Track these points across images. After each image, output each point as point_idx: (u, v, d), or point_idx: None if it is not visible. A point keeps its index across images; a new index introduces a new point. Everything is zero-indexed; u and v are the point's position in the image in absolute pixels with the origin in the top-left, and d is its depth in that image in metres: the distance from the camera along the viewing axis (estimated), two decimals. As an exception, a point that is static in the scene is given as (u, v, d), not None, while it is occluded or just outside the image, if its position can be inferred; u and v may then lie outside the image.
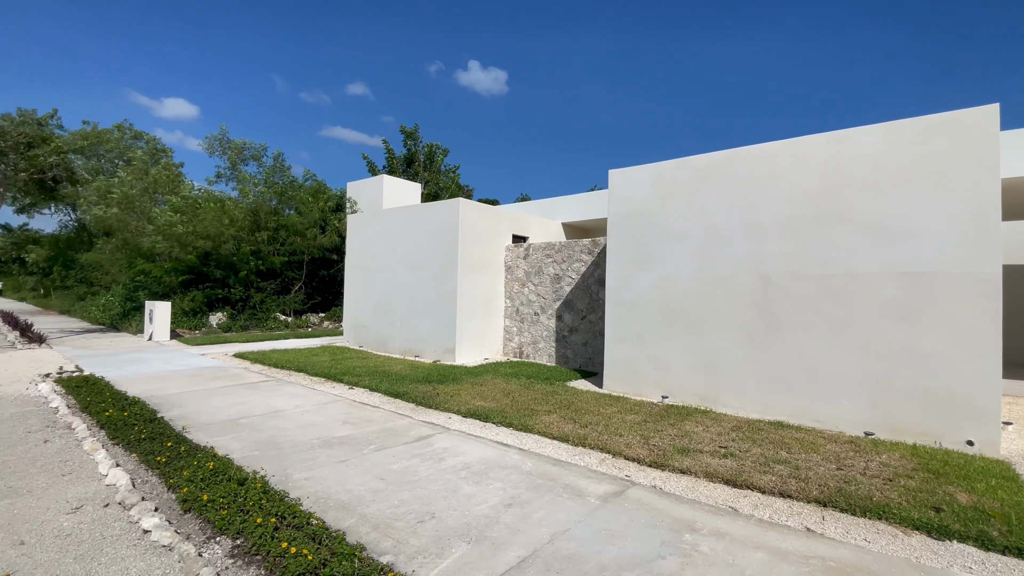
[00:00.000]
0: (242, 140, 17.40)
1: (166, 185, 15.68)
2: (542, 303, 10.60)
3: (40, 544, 3.03)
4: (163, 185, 15.53)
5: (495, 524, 3.29)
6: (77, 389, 6.91)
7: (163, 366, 9.27)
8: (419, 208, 11.28)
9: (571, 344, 10.08)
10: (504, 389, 7.44)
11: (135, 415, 5.51)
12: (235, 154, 17.37)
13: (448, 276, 10.31)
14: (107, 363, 9.53)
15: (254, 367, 9.36)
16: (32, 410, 6.12)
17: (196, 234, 14.52)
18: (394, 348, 11.46)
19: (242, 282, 16.03)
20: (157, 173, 15.68)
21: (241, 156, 17.45)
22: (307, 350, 11.50)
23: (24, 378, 8.03)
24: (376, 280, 12.11)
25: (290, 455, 4.56)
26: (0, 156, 11.24)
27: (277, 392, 7.20)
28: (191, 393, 7.03)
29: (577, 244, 10.09)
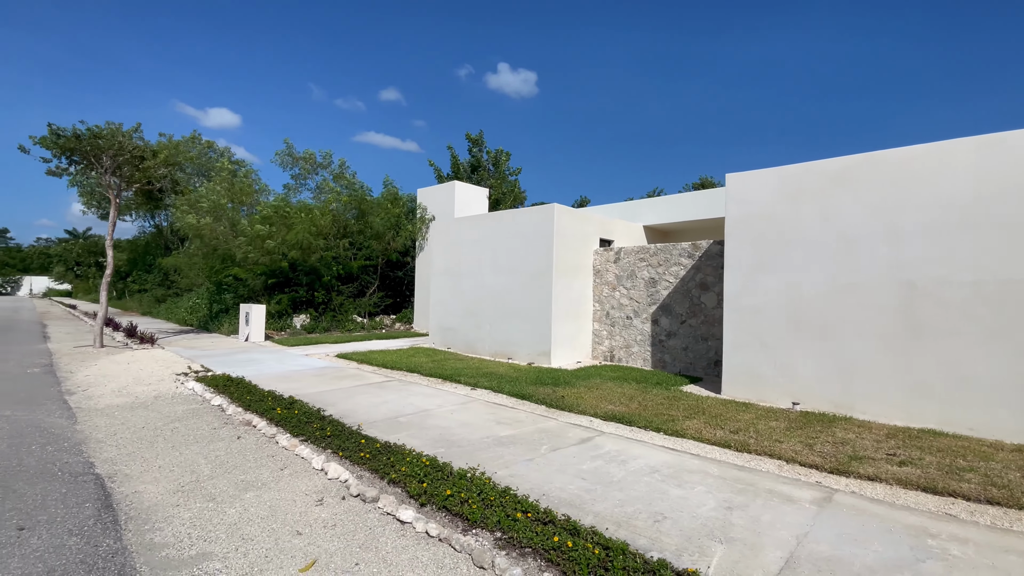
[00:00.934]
0: (307, 151, 18.14)
1: (247, 194, 16.44)
2: (635, 307, 10.64)
3: (316, 534, 3.29)
4: (245, 194, 16.29)
5: (730, 526, 3.39)
6: (226, 388, 7.37)
7: (279, 366, 9.76)
8: (509, 214, 11.51)
9: (669, 348, 10.09)
10: (622, 393, 7.53)
11: (304, 413, 5.85)
12: (307, 164, 18.09)
13: (542, 280, 10.48)
14: (227, 363, 10.09)
15: (365, 367, 9.73)
16: (199, 408, 6.56)
17: (287, 244, 15.18)
18: (483, 350, 11.70)
19: (325, 286, 16.65)
20: (239, 182, 16.47)
21: (312, 166, 18.17)
22: (400, 351, 11.86)
23: (166, 377, 8.59)
24: (463, 284, 12.40)
25: (474, 453, 4.77)
26: (117, 169, 11.98)
27: (408, 392, 7.48)
28: (330, 392, 7.39)
29: (675, 248, 10.10)
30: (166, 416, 6.09)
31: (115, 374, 8.82)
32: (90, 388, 7.64)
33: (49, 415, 6.01)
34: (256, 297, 17.39)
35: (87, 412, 6.22)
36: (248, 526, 3.35)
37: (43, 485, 3.88)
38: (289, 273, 16.38)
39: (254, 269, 16.34)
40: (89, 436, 5.22)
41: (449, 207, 17.29)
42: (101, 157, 11.68)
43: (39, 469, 4.23)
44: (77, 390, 7.48)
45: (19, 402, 6.65)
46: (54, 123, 11.40)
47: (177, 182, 13.38)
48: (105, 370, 9.23)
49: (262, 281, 16.74)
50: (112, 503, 3.62)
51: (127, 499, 3.71)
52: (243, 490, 3.94)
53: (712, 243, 9.62)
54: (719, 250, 9.49)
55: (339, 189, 17.17)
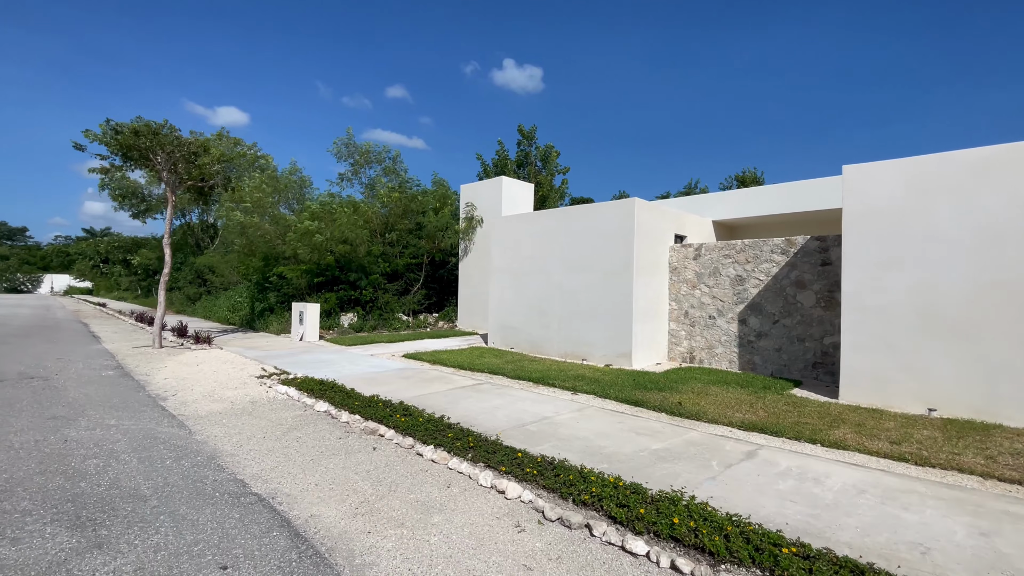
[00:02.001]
0: (367, 144, 17.76)
1: (292, 189, 16.15)
2: (719, 306, 10.20)
3: (548, 570, 2.92)
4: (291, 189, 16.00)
5: (1005, 556, 2.97)
6: (322, 392, 7.03)
7: (354, 367, 9.42)
8: (581, 209, 11.08)
9: (759, 350, 9.64)
10: (736, 398, 7.12)
11: (429, 421, 5.49)
12: (362, 157, 17.72)
13: (621, 278, 10.06)
14: (298, 364, 9.78)
15: (443, 369, 9.37)
16: (305, 414, 6.23)
17: (334, 239, 14.85)
18: (551, 350, 11.31)
19: (372, 284, 16.34)
20: (285, 178, 16.17)
21: (368, 159, 17.80)
22: (463, 351, 11.51)
23: (247, 380, 8.29)
24: (528, 282, 12.00)
25: (641, 469, 4.38)
26: (173, 166, 11.68)
27: (511, 396, 7.11)
28: (430, 396, 7.03)
29: (766, 244, 9.64)
30: (278, 424, 5.75)
31: (193, 377, 8.53)
32: (178, 392, 7.34)
33: (157, 424, 5.70)
34: (301, 296, 17.12)
35: (194, 420, 5.91)
36: (467, 558, 2.98)
37: (210, 509, 3.54)
38: (335, 271, 16.06)
39: (299, 267, 16.05)
40: (217, 448, 4.89)
41: (495, 203, 16.89)
42: (157, 154, 11.37)
43: (192, 489, 3.89)
44: (167, 395, 7.18)
45: (116, 408, 6.35)
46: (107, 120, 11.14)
47: (229, 178, 13.06)
48: (179, 372, 8.94)
49: (307, 279, 16.44)
50: (298, 531, 3.27)
51: (310, 526, 3.36)
52: (425, 513, 3.58)
53: (809, 239, 9.15)
54: (817, 246, 9.03)
55: (391, 185, 16.80)
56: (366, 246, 15.65)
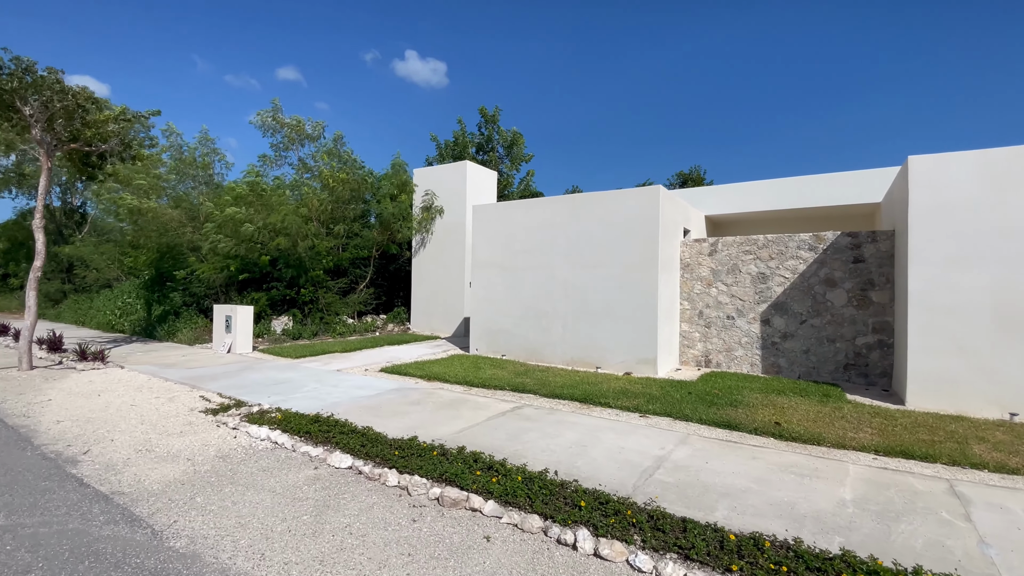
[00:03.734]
0: (294, 118, 14.81)
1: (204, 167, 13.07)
2: (738, 305, 9.49)
3: None
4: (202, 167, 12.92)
5: None
6: (324, 434, 5.02)
7: (332, 390, 7.29)
8: (592, 197, 9.80)
9: (784, 351, 9.06)
10: (815, 411, 6.30)
11: (532, 480, 3.85)
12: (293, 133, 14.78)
13: (643, 275, 8.96)
14: (250, 388, 7.41)
15: (450, 387, 7.58)
16: (322, 476, 4.25)
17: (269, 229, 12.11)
18: (554, 357, 9.94)
19: (313, 281, 13.69)
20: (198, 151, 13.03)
21: (300, 135, 14.89)
22: (448, 361, 9.73)
23: (193, 419, 5.91)
24: (523, 279, 10.49)
25: (886, 541, 3.17)
26: (49, 121, 8.51)
27: (577, 425, 5.60)
28: (471, 430, 5.30)
29: (791, 239, 9.06)
30: (293, 498, 3.75)
31: (102, 415, 5.93)
32: (91, 446, 4.87)
33: (85, 517, 3.43)
34: (216, 296, 13.97)
35: (145, 500, 3.69)
36: None
37: None
38: (266, 267, 13.22)
39: (218, 263, 12.97)
40: (225, 568, 2.86)
41: (458, 190, 15.09)
42: (27, 101, 8.20)
43: None
44: (74, 452, 4.70)
45: (5, 491, 3.87)
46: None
47: (130, 144, 9.92)
48: (75, 409, 6.24)
49: (225, 276, 13.40)
50: None
51: None
52: None
53: (840, 235, 8.70)
54: (849, 243, 8.60)
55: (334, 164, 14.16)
56: (310, 240, 13.03)
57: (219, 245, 11.99)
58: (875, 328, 8.38)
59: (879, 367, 8.34)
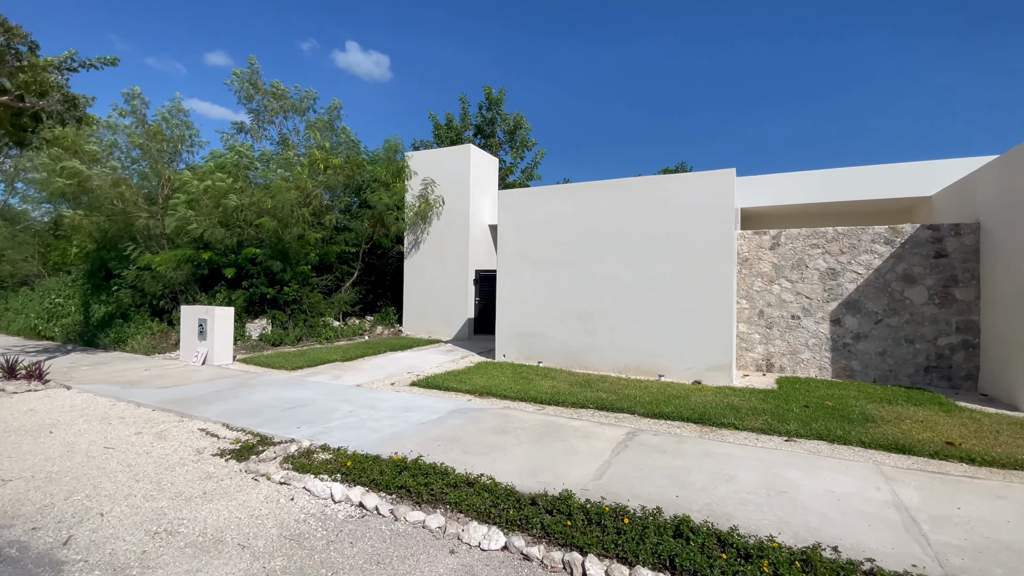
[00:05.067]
0: (275, 83, 12.62)
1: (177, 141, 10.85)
2: (805, 304, 8.70)
3: None
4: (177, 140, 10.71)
5: None
6: (422, 488, 3.55)
7: (375, 415, 5.72)
8: (647, 182, 8.67)
9: (857, 353, 8.33)
10: (959, 425, 5.48)
11: (756, 553, 2.62)
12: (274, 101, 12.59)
13: (714, 269, 7.95)
14: (263, 413, 5.69)
15: (515, 406, 6.19)
16: (469, 561, 2.81)
17: (254, 210, 10.12)
18: (601, 364, 8.75)
19: (298, 278, 11.71)
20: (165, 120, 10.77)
21: (283, 106, 12.72)
22: (481, 370, 8.33)
23: (215, 470, 4.21)
24: (559, 276, 9.21)
25: None
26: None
27: (730, 458, 4.40)
28: (613, 475, 3.99)
29: (865, 232, 8.35)
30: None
31: (67, 470, 4.11)
32: (73, 532, 3.14)
33: None
34: (174, 294, 11.72)
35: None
36: None
37: None
38: (246, 258, 11.11)
39: (176, 253, 10.76)
40: None
41: (460, 178, 13.57)
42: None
43: None
44: (48, 548, 2.98)
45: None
46: None
47: (75, 101, 7.74)
48: (25, 459, 4.35)
49: (189, 270, 11.20)
50: None
51: None
52: None
53: (919, 227, 8.06)
54: (929, 236, 7.97)
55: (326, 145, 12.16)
56: (300, 227, 11.07)
57: (190, 225, 9.84)
58: (959, 328, 7.79)
59: (963, 369, 7.76)
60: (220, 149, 10.79)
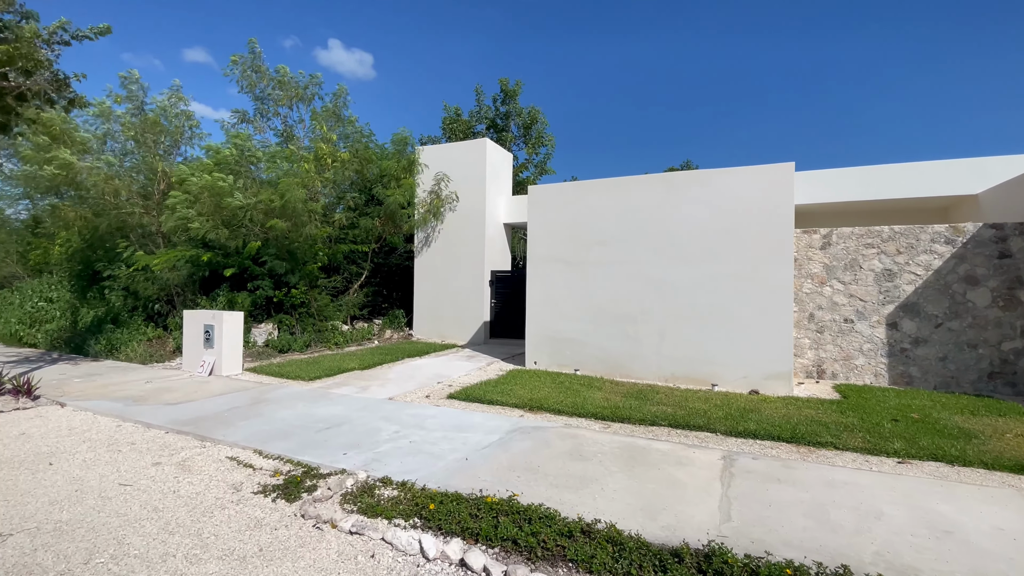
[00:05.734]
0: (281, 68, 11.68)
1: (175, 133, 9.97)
2: (859, 307, 8.23)
3: None
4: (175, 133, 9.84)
5: None
6: (531, 539, 2.91)
7: (426, 435, 5.04)
8: (696, 177, 8.11)
9: (916, 359, 7.89)
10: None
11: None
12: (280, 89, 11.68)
13: (771, 271, 7.43)
14: (310, 440, 4.97)
15: (574, 423, 5.57)
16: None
17: (263, 209, 9.31)
18: (645, 372, 8.17)
19: (307, 279, 10.89)
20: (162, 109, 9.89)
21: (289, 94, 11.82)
22: (515, 379, 7.68)
23: (263, 515, 3.50)
24: (596, 277, 8.62)
25: None
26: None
27: (850, 487, 3.83)
28: (742, 516, 3.40)
29: (923, 231, 7.91)
30: None
31: (79, 518, 3.38)
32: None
33: None
34: (172, 298, 10.84)
35: None
36: None
37: None
38: (248, 257, 10.28)
39: (174, 253, 9.90)
40: None
41: (476, 173, 12.89)
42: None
43: None
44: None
45: None
46: None
47: (66, 80, 6.89)
48: (24, 503, 3.60)
49: (187, 271, 10.33)
50: None
51: None
52: None
53: (982, 226, 7.65)
54: (993, 235, 7.56)
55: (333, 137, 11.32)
56: (313, 225, 10.25)
57: (190, 224, 8.99)
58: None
59: (1031, 376, 7.36)
60: (217, 144, 9.92)
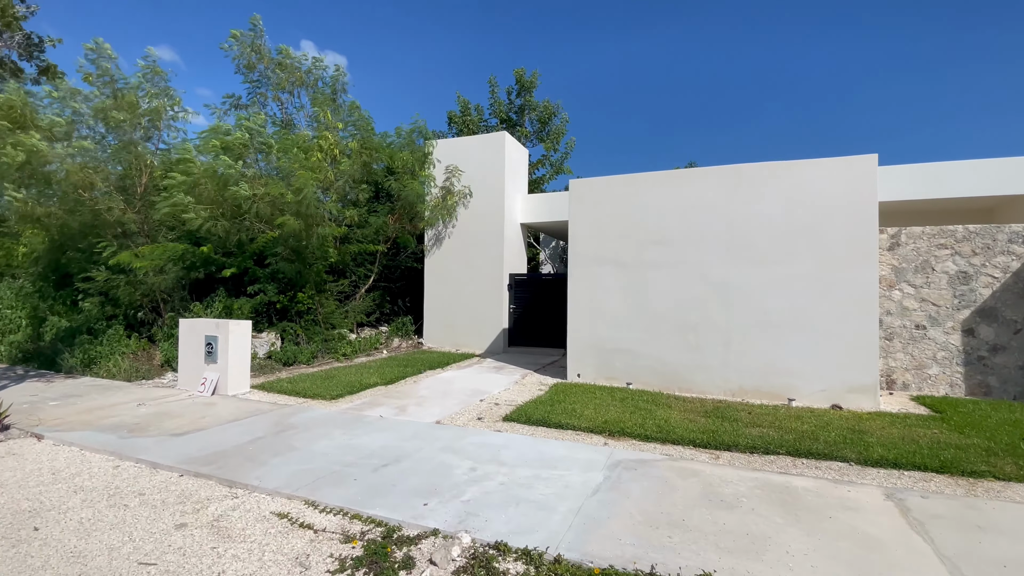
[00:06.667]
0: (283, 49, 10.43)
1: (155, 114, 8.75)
2: (931, 312, 7.65)
3: None
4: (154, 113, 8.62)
5: None
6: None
7: (511, 473, 4.11)
8: (768, 169, 7.37)
9: (994, 368, 7.34)
10: None
11: None
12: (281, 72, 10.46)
13: (854, 273, 6.75)
14: (370, 484, 3.97)
15: (678, 452, 4.72)
16: None
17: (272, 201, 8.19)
18: (709, 385, 7.39)
19: (315, 282, 9.75)
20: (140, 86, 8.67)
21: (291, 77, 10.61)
22: (571, 395, 6.80)
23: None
24: (652, 280, 7.82)
25: None
26: None
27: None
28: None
29: (1000, 230, 7.38)
30: None
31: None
32: None
33: None
34: (157, 304, 9.57)
35: None
36: None
37: None
38: (249, 261, 9.11)
39: (162, 251, 8.67)
40: None
41: (494, 169, 11.99)
42: None
43: None
44: None
45: None
46: None
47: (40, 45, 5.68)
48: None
49: (177, 272, 9.10)
50: None
51: None
52: None
53: (1068, 224, 7.14)
54: (1079, 234, 7.06)
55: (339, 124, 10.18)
56: (327, 224, 9.12)
57: (185, 213, 7.80)
58: (1118, 338, 6.90)
59: (1121, 385, 6.87)
60: (226, 124, 8.73)
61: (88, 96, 8.69)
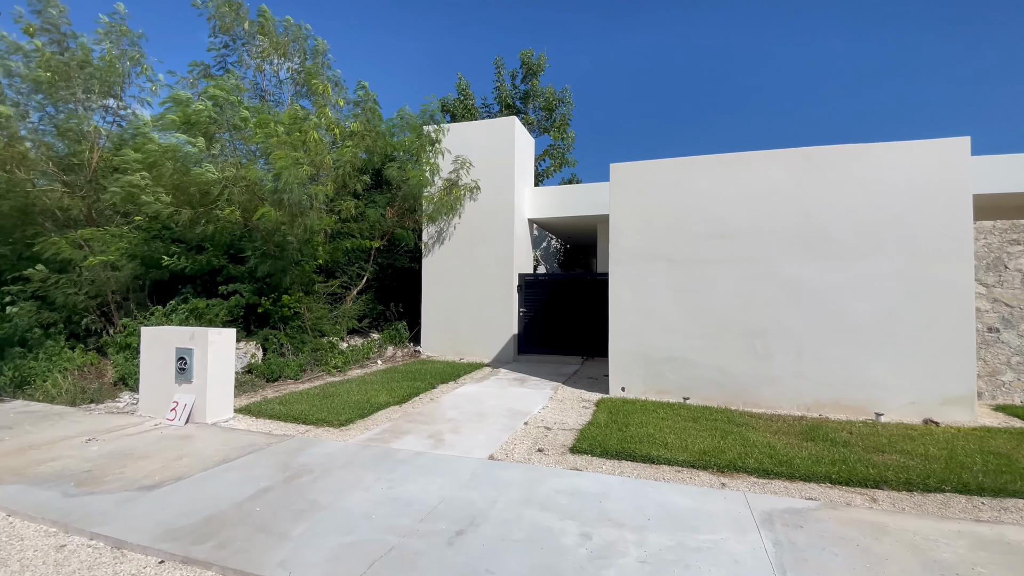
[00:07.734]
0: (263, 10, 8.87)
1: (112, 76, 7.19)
2: (1004, 313, 7.01)
3: None
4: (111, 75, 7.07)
5: None
6: None
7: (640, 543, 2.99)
8: (843, 152, 6.50)
9: (1078, 374, 6.75)
10: None
11: None
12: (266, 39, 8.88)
13: (947, 270, 5.99)
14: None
15: (820, 492, 3.71)
16: None
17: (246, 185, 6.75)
18: (779, 398, 6.47)
19: (303, 283, 8.28)
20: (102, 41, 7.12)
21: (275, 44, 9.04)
22: (628, 413, 5.74)
23: None
24: (709, 278, 6.86)
25: None
26: None
27: None
28: None
29: (1082, 225, 6.81)
30: None
31: None
32: None
33: None
34: (108, 309, 7.91)
35: None
36: None
37: None
38: (223, 259, 7.59)
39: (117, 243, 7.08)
40: None
41: (502, 159, 10.83)
42: None
43: None
44: None
45: None
46: None
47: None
48: None
49: (132, 269, 7.50)
50: None
51: None
52: None
53: None
54: None
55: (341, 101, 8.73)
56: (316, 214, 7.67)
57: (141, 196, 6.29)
58: None
59: None
60: (185, 93, 7.20)
61: (29, 53, 7.04)
